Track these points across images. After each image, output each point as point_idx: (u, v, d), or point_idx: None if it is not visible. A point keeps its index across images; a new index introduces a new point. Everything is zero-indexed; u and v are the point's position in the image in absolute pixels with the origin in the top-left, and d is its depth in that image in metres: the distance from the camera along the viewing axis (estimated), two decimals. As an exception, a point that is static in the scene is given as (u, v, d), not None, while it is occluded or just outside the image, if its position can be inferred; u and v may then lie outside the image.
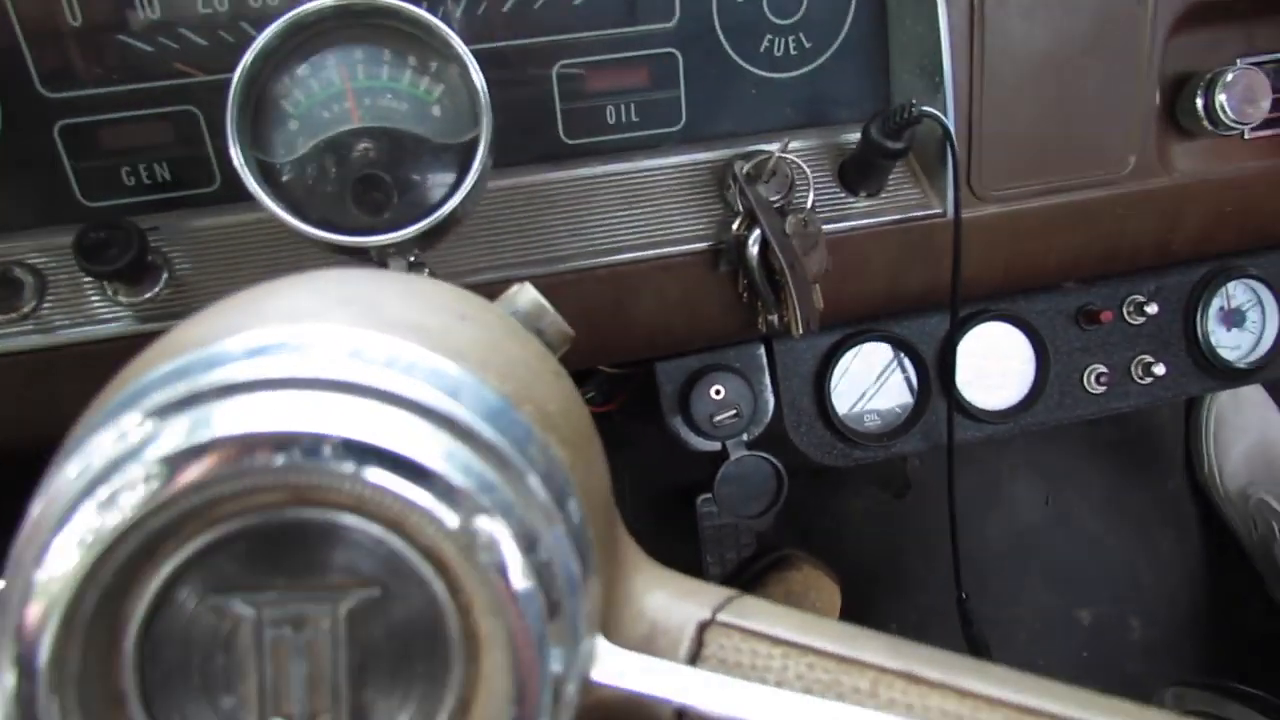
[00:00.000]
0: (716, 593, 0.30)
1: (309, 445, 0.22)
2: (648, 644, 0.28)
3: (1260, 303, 0.85)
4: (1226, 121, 0.70)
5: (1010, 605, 1.43)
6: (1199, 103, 0.71)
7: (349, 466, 0.22)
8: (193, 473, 0.22)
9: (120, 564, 0.22)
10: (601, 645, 0.25)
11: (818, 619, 0.29)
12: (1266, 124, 0.76)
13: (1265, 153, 0.77)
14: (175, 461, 0.22)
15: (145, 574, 0.22)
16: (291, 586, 0.22)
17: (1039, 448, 1.47)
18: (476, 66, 0.51)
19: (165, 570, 0.22)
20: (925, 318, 0.79)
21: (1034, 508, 1.47)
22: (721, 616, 0.28)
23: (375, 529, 0.22)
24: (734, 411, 0.74)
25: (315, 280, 0.30)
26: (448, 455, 0.22)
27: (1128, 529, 1.51)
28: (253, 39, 0.50)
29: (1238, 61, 0.74)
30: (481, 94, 0.51)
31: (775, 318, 0.68)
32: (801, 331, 0.65)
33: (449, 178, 0.53)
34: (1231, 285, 0.84)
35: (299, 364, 0.24)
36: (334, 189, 0.53)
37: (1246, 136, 0.76)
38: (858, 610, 1.39)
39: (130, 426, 0.22)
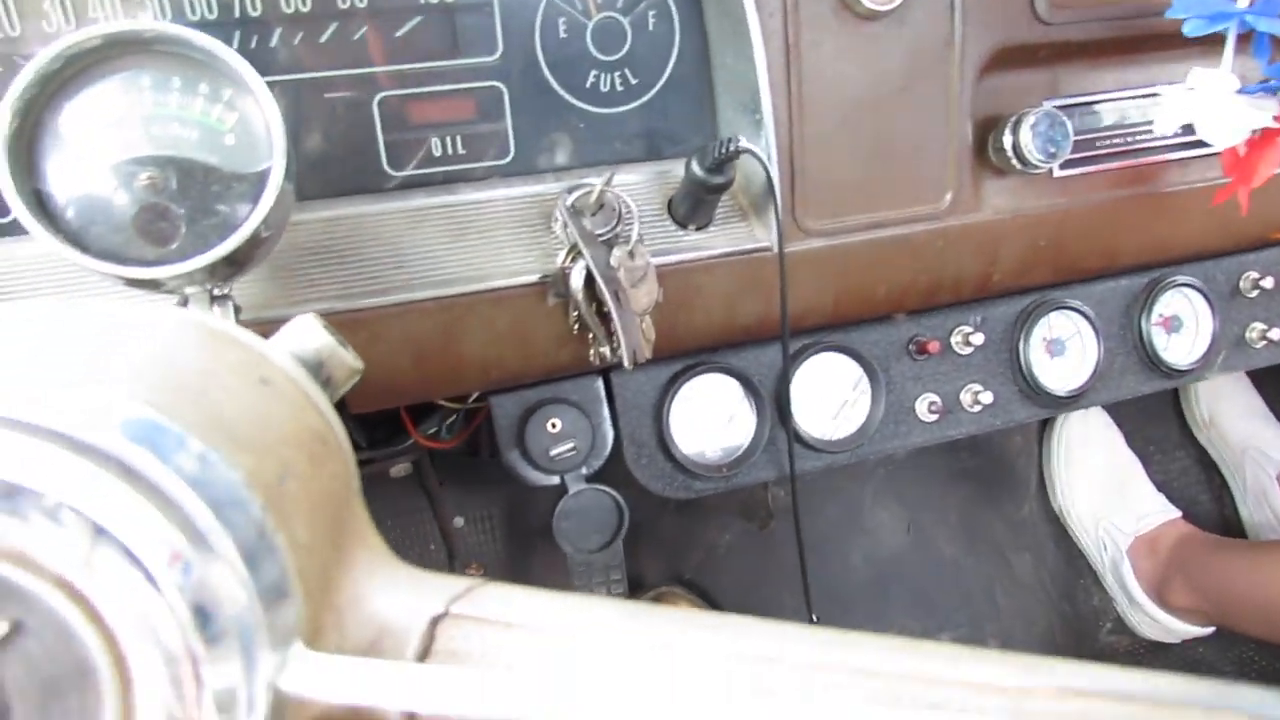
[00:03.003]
0: (455, 584, 0.29)
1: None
2: (374, 647, 0.27)
3: (1079, 333, 0.89)
4: (1032, 160, 0.74)
5: (875, 631, 1.45)
6: (1007, 142, 0.74)
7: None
8: None
9: None
10: (297, 656, 0.24)
11: (556, 596, 0.28)
12: (1075, 163, 0.81)
13: (1074, 190, 0.81)
14: None
15: None
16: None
17: (899, 476, 1.51)
18: (270, 96, 0.50)
19: None
20: (763, 349, 0.80)
21: (896, 535, 1.50)
22: (456, 608, 0.28)
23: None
24: (571, 445, 0.73)
25: (32, 318, 0.29)
26: (78, 480, 0.21)
27: (985, 553, 1.56)
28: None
29: (1044, 103, 0.79)
30: (275, 124, 0.49)
31: (607, 350, 0.68)
32: (629, 364, 0.65)
33: (246, 208, 0.51)
34: (1054, 315, 0.88)
35: None
36: (118, 219, 0.50)
37: (1056, 174, 0.80)
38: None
39: None
